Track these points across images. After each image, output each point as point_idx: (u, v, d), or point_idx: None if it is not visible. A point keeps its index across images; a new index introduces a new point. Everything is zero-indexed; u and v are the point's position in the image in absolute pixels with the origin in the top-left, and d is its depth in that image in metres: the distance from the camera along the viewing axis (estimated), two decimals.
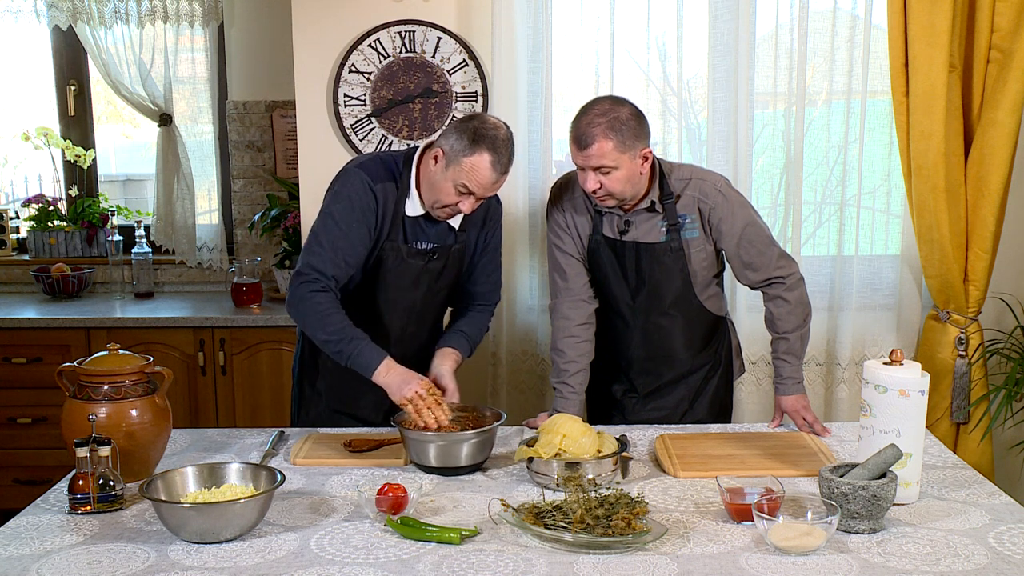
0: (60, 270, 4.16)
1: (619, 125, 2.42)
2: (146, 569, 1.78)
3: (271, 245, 4.28)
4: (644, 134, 2.48)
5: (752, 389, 3.63)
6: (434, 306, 2.69)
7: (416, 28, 3.50)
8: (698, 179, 2.60)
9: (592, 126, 2.43)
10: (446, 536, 1.87)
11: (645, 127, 2.49)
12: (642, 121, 2.48)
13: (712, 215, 2.58)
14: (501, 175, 2.40)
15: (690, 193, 2.58)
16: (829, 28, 3.41)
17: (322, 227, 2.46)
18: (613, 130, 2.41)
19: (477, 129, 2.36)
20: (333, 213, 2.45)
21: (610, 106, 2.46)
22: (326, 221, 2.46)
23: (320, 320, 2.39)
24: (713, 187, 2.59)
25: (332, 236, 2.44)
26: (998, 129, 3.18)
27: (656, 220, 2.59)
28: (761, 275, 2.64)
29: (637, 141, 2.45)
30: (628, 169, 2.46)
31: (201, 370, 3.78)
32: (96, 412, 2.11)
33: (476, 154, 2.35)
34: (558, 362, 2.70)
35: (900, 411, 2.01)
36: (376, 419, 2.68)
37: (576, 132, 2.46)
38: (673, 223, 2.58)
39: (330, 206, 2.47)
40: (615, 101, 2.50)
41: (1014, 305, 3.51)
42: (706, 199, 2.57)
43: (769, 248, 2.62)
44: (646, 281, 2.64)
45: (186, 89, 4.22)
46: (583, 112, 2.48)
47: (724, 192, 2.59)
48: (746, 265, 2.63)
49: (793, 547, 1.81)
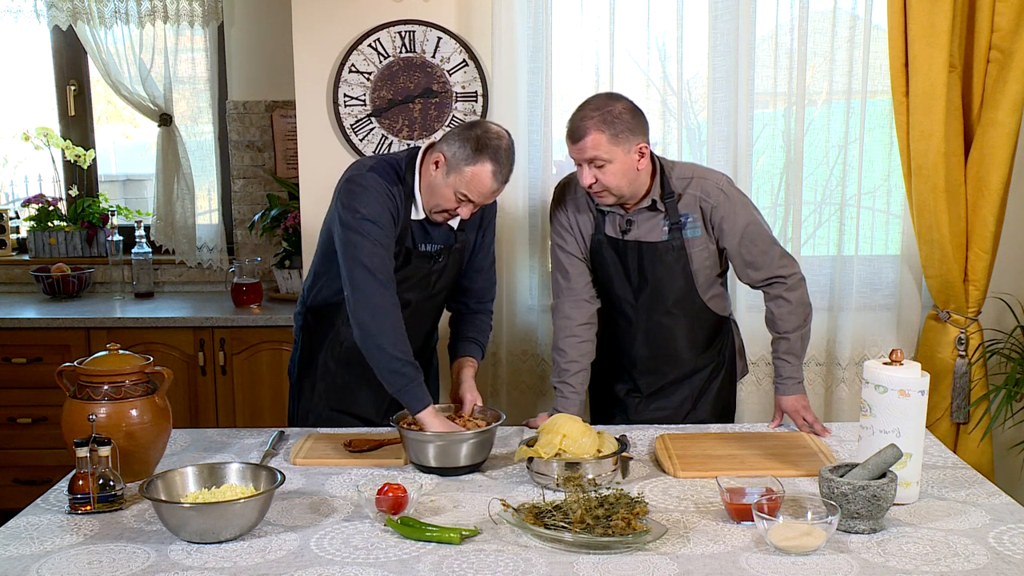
0: (60, 270, 4.16)
1: (612, 119, 2.43)
2: (146, 569, 1.78)
3: (271, 245, 4.28)
4: (640, 129, 2.48)
5: (752, 389, 3.62)
6: (433, 306, 2.70)
7: (416, 28, 3.50)
8: (700, 178, 2.60)
9: (585, 119, 2.44)
10: (446, 536, 1.87)
11: (641, 122, 2.49)
12: (638, 116, 2.48)
13: (714, 214, 2.58)
14: (501, 184, 2.40)
15: (692, 192, 2.58)
16: (829, 28, 3.41)
17: (362, 229, 2.37)
18: (606, 123, 2.42)
19: (480, 138, 2.35)
20: (367, 215, 2.38)
21: (604, 100, 2.47)
22: (363, 224, 2.37)
23: (395, 335, 2.35)
24: (715, 186, 2.58)
25: (377, 235, 2.38)
26: (998, 129, 3.18)
27: (658, 219, 2.59)
28: (763, 274, 2.63)
29: (632, 135, 2.45)
30: (623, 163, 2.46)
31: (201, 370, 3.78)
32: (96, 412, 2.11)
33: (478, 163, 2.34)
34: (559, 362, 2.70)
35: (900, 411, 2.01)
36: (375, 418, 2.69)
37: (571, 126, 2.47)
38: (675, 222, 2.58)
39: (359, 209, 2.39)
40: (610, 96, 2.50)
41: (1014, 305, 3.51)
42: (708, 198, 2.57)
43: (771, 247, 2.62)
44: (648, 280, 2.64)
45: (186, 89, 4.22)
46: (578, 108, 2.49)
47: (726, 191, 2.59)
48: (748, 264, 2.63)
49: (793, 547, 1.81)
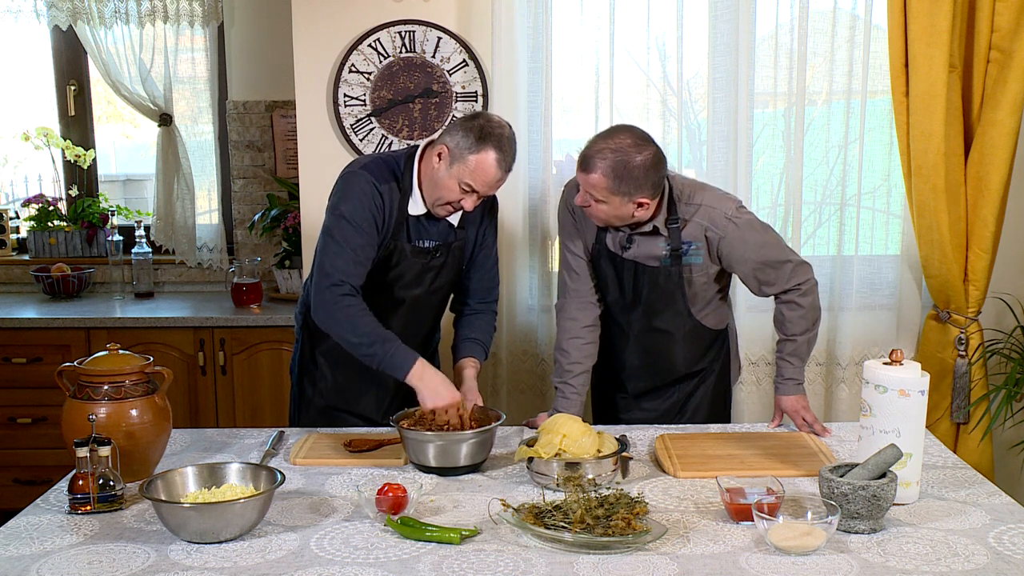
0: (60, 270, 4.16)
1: (623, 172, 2.36)
2: (146, 569, 1.78)
3: (271, 245, 4.28)
4: (649, 185, 2.40)
5: (752, 389, 3.62)
6: (434, 303, 2.70)
7: (416, 28, 3.50)
8: (708, 207, 2.52)
9: (600, 156, 2.38)
10: (446, 536, 1.87)
11: (654, 178, 2.40)
12: (651, 172, 2.38)
13: (721, 245, 2.53)
14: (505, 173, 2.40)
15: (698, 221, 2.52)
16: (829, 28, 3.41)
17: (336, 228, 2.45)
18: (615, 173, 2.36)
19: (483, 127, 2.36)
20: (344, 213, 2.44)
21: (629, 144, 2.37)
22: (339, 222, 2.45)
23: (351, 324, 2.39)
24: (723, 216, 2.51)
25: (347, 235, 2.43)
26: (998, 129, 3.18)
27: (659, 242, 2.56)
28: (776, 288, 2.60)
29: (637, 192, 2.39)
30: (616, 208, 2.43)
31: (201, 370, 3.78)
32: (96, 412, 2.11)
33: (482, 152, 2.35)
34: (562, 362, 2.70)
35: (900, 411, 2.01)
36: (376, 417, 2.69)
37: (585, 151, 2.42)
38: (676, 248, 2.54)
39: (339, 207, 2.46)
40: (638, 141, 2.39)
41: (1014, 305, 3.51)
42: (715, 228, 2.52)
43: (784, 265, 2.57)
44: (642, 300, 2.64)
45: (186, 89, 4.22)
46: (605, 134, 2.42)
47: (734, 219, 2.52)
48: (762, 283, 2.60)
49: (793, 547, 1.81)
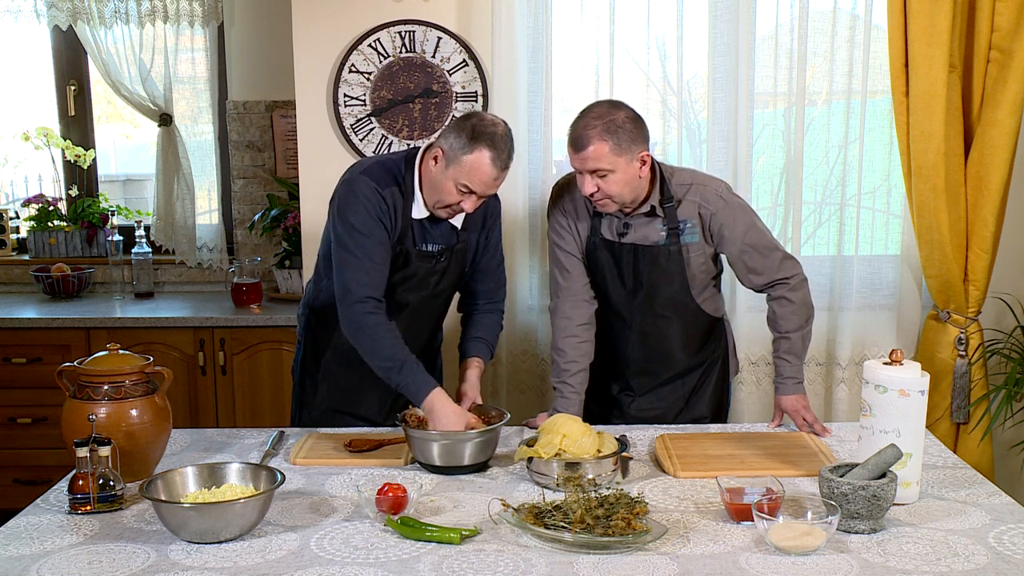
0: (60, 270, 4.16)
1: (615, 128, 2.41)
2: (146, 569, 1.78)
3: (271, 245, 4.28)
4: (642, 137, 2.47)
5: (752, 389, 3.62)
6: (437, 306, 2.70)
7: (416, 28, 3.50)
8: (699, 184, 2.59)
9: (588, 128, 2.42)
10: (446, 536, 1.87)
11: (643, 130, 2.48)
12: (640, 124, 2.47)
13: (713, 221, 2.57)
14: (501, 171, 2.39)
15: (691, 198, 2.57)
16: (829, 28, 3.41)
17: (350, 240, 2.42)
18: (609, 132, 2.41)
19: (475, 127, 2.35)
20: (355, 224, 2.41)
21: (607, 109, 2.46)
22: (352, 234, 2.41)
23: (374, 345, 2.39)
24: (714, 192, 2.58)
25: (363, 247, 2.41)
26: (998, 129, 3.18)
27: (656, 223, 2.59)
28: (764, 279, 2.63)
29: (634, 144, 2.44)
30: (625, 172, 2.45)
31: (201, 370, 3.78)
32: (96, 412, 2.11)
33: (476, 151, 2.34)
34: (559, 362, 2.70)
35: (900, 411, 2.01)
36: (378, 418, 2.69)
37: (573, 134, 2.46)
38: (673, 227, 2.57)
39: (348, 218, 2.42)
40: (612, 104, 2.49)
41: (1014, 305, 3.51)
42: (707, 204, 2.57)
43: (772, 252, 2.61)
44: (643, 283, 2.64)
45: (186, 89, 4.22)
46: (580, 115, 2.48)
47: (725, 197, 2.58)
48: (750, 270, 2.63)
49: (793, 547, 1.81)
